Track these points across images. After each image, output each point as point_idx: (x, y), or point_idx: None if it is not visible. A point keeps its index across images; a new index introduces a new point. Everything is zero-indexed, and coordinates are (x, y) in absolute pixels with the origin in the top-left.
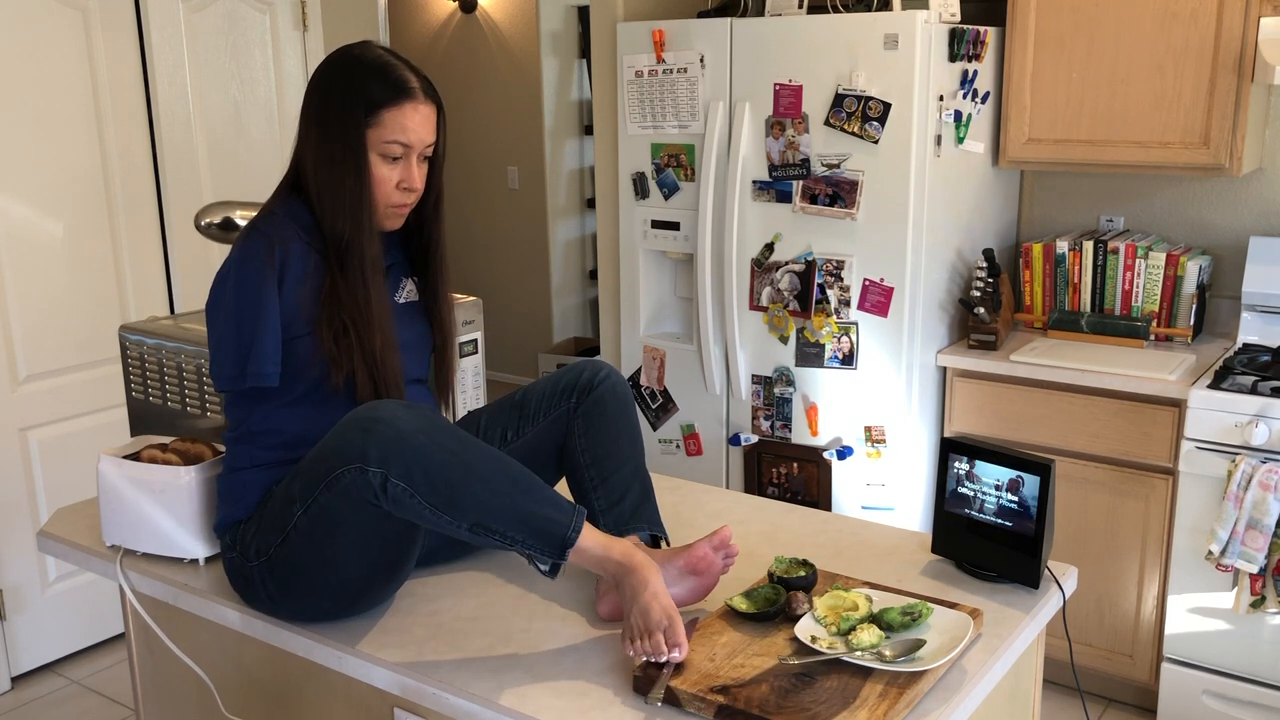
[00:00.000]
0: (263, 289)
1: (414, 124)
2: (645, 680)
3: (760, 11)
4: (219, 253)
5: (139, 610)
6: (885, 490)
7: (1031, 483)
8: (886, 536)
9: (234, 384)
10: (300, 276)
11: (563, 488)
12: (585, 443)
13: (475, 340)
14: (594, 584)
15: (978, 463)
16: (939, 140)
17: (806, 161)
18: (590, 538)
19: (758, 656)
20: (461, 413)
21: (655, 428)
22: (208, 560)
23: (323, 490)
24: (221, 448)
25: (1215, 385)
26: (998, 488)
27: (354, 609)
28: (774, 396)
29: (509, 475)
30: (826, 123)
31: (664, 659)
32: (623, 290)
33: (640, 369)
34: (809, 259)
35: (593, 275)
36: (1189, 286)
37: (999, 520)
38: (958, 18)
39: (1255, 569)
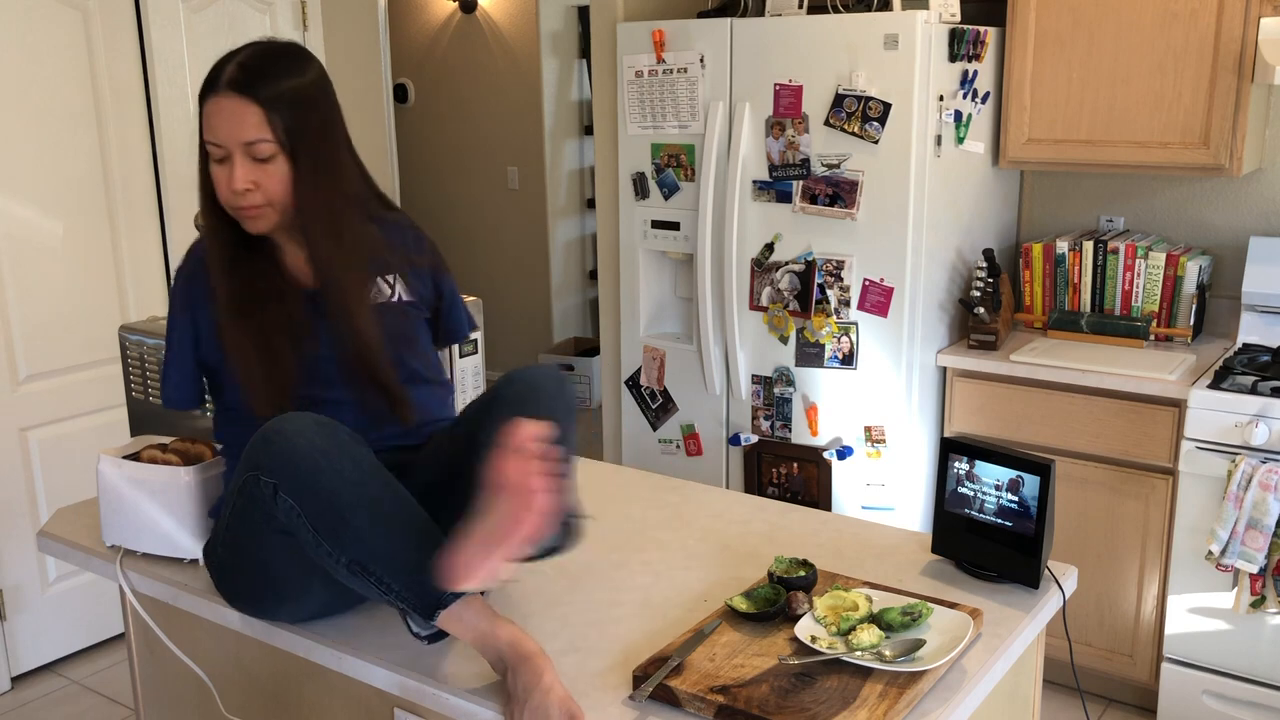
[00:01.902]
0: (177, 317)
1: (217, 121)
2: (645, 679)
3: (760, 11)
4: None
5: (139, 610)
6: (885, 490)
7: (1031, 483)
8: (886, 536)
9: (165, 405)
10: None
11: None
12: (485, 435)
13: (475, 340)
14: (600, 582)
15: (978, 463)
16: (939, 140)
17: (806, 161)
18: (476, 610)
19: (758, 656)
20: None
21: (655, 428)
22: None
23: (236, 494)
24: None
25: (1215, 385)
26: (998, 488)
27: (308, 612)
28: (774, 396)
29: (408, 521)
30: (826, 123)
31: None
32: (623, 290)
33: (640, 369)
34: (809, 259)
35: (593, 275)
36: (1189, 286)
37: (999, 520)
38: (958, 18)
39: (1255, 569)
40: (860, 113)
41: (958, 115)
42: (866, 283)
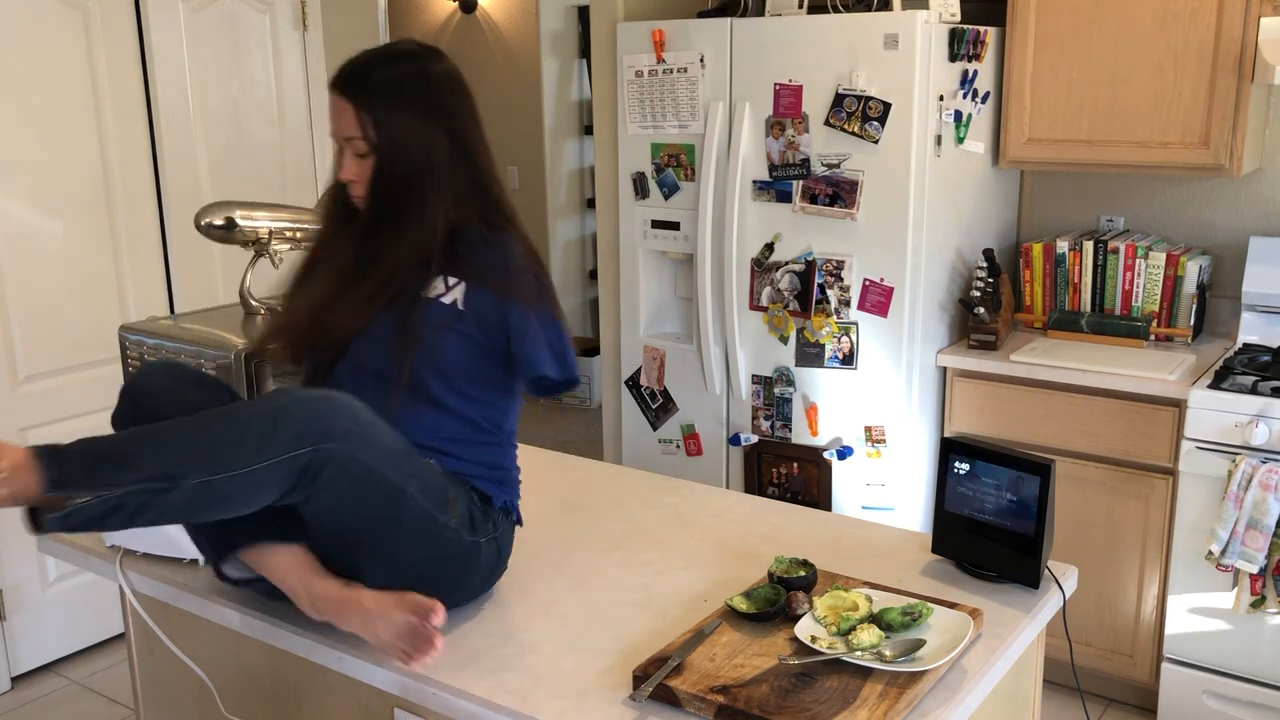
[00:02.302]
0: None
1: (331, 115)
2: (645, 679)
3: (760, 11)
4: (219, 253)
5: (139, 610)
6: (885, 490)
7: (1031, 483)
8: (886, 536)
9: None
10: None
11: None
12: None
13: None
14: (600, 582)
15: (978, 463)
16: (939, 140)
17: (806, 161)
18: (291, 555)
19: (758, 656)
20: None
21: (655, 428)
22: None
23: None
24: None
25: (1215, 385)
26: (998, 488)
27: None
28: (774, 396)
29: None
30: (826, 123)
31: (433, 624)
32: (623, 290)
33: (640, 369)
34: (809, 259)
35: (593, 275)
36: (1189, 286)
37: (999, 520)
38: (958, 18)
39: (1255, 569)
40: (860, 113)
41: (958, 115)
42: (866, 283)
